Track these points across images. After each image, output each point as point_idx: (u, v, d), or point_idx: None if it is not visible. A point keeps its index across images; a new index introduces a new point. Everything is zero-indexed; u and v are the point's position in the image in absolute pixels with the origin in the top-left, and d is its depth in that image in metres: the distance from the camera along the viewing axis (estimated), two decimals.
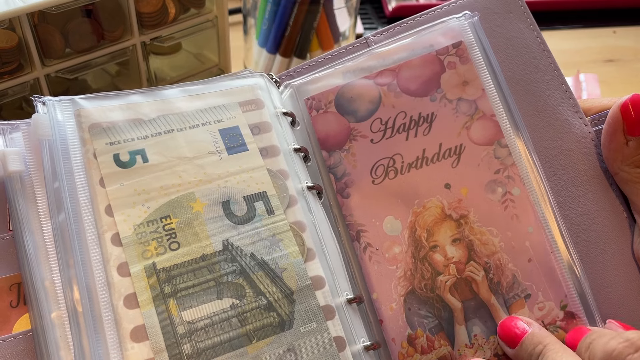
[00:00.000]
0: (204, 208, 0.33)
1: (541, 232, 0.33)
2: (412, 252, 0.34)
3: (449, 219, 0.34)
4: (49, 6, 0.40)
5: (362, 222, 0.35)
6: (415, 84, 0.36)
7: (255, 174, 0.34)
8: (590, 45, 0.76)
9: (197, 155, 0.34)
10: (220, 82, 0.36)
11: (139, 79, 0.49)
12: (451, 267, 0.34)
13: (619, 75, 0.70)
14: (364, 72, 0.37)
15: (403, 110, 0.36)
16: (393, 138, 0.36)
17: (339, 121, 0.36)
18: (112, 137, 0.33)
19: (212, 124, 0.35)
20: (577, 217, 0.34)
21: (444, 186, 0.35)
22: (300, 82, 0.38)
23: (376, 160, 0.35)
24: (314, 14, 0.56)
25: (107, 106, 0.34)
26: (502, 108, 0.35)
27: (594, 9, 0.82)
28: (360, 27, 0.76)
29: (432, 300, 0.33)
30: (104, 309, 0.29)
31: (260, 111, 0.36)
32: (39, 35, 0.41)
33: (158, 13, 0.47)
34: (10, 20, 0.39)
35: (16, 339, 0.29)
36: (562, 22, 0.80)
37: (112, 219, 0.31)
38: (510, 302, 0.33)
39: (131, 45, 0.47)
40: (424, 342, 0.33)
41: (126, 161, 0.33)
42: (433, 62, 0.36)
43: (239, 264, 0.32)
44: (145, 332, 0.29)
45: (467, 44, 0.36)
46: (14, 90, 0.42)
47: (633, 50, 0.75)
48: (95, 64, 0.45)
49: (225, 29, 0.52)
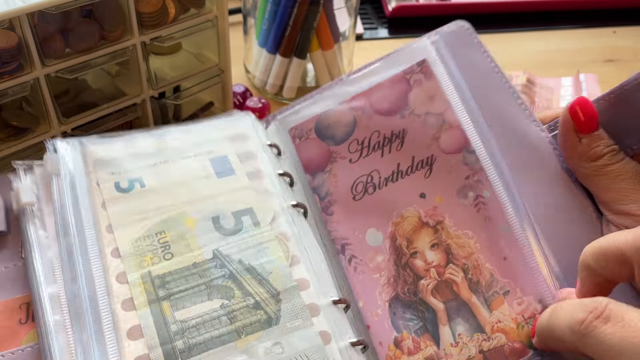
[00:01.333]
0: (195, 223, 0.36)
1: (513, 231, 0.35)
2: (394, 259, 0.36)
3: (426, 226, 0.37)
4: (49, 6, 0.40)
5: (346, 236, 0.38)
6: (386, 104, 0.39)
7: (242, 193, 0.38)
8: (590, 45, 0.76)
9: (189, 180, 0.38)
10: (212, 122, 0.41)
11: (139, 79, 0.49)
12: (431, 271, 0.36)
13: (619, 75, 0.70)
14: (340, 98, 0.40)
15: (377, 130, 0.39)
16: (369, 156, 0.39)
17: (319, 146, 0.40)
18: (113, 168, 0.38)
19: (203, 155, 0.39)
20: (546, 215, 0.36)
21: (419, 196, 0.37)
22: (284, 115, 0.42)
23: (356, 178, 0.39)
24: (314, 14, 0.56)
25: (111, 145, 0.39)
26: (468, 118, 0.37)
27: (594, 9, 0.82)
28: (360, 27, 0.76)
29: (415, 304, 0.35)
30: (104, 313, 0.32)
31: (247, 143, 0.41)
32: (39, 35, 0.41)
33: (158, 13, 0.47)
34: (10, 20, 0.39)
35: (24, 351, 0.33)
36: (562, 22, 0.80)
37: (112, 235, 0.35)
38: (490, 299, 0.34)
39: (131, 45, 0.47)
40: (410, 344, 0.34)
41: (125, 187, 0.37)
42: (400, 81, 0.39)
43: (227, 269, 0.35)
44: (140, 331, 0.32)
45: (431, 61, 0.39)
46: (13, 90, 0.42)
47: (633, 50, 0.75)
48: (95, 64, 0.45)
49: (225, 29, 0.52)
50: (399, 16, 0.78)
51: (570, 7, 0.82)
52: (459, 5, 0.79)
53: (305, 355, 0.32)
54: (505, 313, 0.34)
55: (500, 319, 0.34)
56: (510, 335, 0.33)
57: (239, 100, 0.59)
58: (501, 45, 0.75)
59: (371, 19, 0.79)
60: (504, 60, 0.71)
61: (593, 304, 0.28)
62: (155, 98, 0.51)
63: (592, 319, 0.27)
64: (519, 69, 0.69)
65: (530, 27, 0.79)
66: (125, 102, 0.49)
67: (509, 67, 0.70)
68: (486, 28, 0.78)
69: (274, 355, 0.32)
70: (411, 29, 0.77)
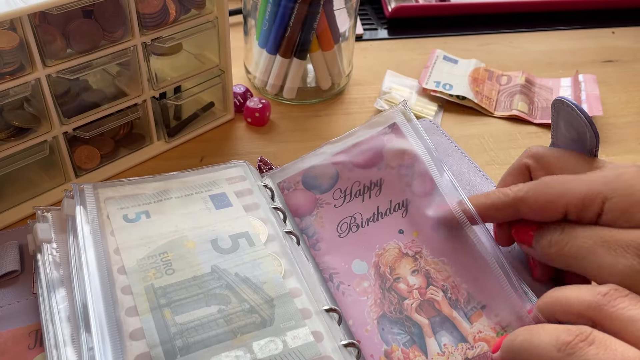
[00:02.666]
0: (195, 245, 0.39)
1: (483, 255, 0.39)
2: (379, 284, 0.40)
3: (406, 256, 0.41)
4: (50, 7, 0.40)
5: (334, 267, 0.41)
6: (364, 159, 0.45)
7: (239, 221, 0.42)
8: (589, 45, 0.76)
9: (191, 212, 0.42)
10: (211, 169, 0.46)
11: (140, 79, 0.49)
12: (414, 292, 0.39)
13: (618, 75, 0.70)
14: (324, 156, 0.46)
15: (357, 180, 0.44)
16: (352, 202, 0.44)
17: (306, 195, 0.45)
18: (122, 204, 0.42)
19: (203, 192, 0.44)
20: None
21: (398, 232, 0.42)
22: (274, 171, 0.48)
23: (340, 219, 0.43)
24: (313, 14, 0.56)
25: (121, 187, 0.43)
26: (435, 167, 0.42)
27: (593, 10, 0.82)
28: (360, 27, 0.76)
29: (402, 320, 0.38)
30: (109, 320, 0.34)
31: (244, 182, 0.45)
32: (40, 36, 0.41)
33: (159, 14, 0.47)
34: (11, 21, 0.39)
35: None
36: (561, 23, 0.80)
37: (119, 256, 0.38)
38: (469, 313, 0.38)
39: (132, 46, 0.47)
40: (400, 355, 0.37)
41: (133, 218, 0.41)
42: (376, 140, 0.45)
43: (225, 280, 0.37)
44: (142, 332, 0.34)
45: (400, 123, 0.45)
46: (15, 90, 0.42)
47: (632, 50, 0.75)
48: (97, 64, 0.45)
49: (225, 29, 0.52)
50: (398, 17, 0.78)
51: (570, 7, 0.82)
52: (459, 6, 0.80)
53: (299, 352, 0.34)
54: (485, 324, 0.38)
55: (480, 330, 0.37)
56: (491, 343, 0.37)
57: (240, 101, 0.59)
58: (500, 45, 0.75)
59: (371, 20, 0.79)
60: (504, 60, 0.72)
61: (578, 329, 0.29)
62: (156, 98, 0.52)
63: (578, 341, 0.28)
64: (518, 69, 0.69)
65: (530, 28, 0.79)
66: (126, 103, 0.50)
67: (509, 67, 0.70)
68: (486, 28, 0.78)
69: (269, 351, 0.34)
70: (411, 30, 0.77)
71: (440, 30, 0.77)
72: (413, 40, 0.75)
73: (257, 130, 0.58)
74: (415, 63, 0.70)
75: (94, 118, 0.48)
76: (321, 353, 0.34)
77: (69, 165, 0.49)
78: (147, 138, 0.54)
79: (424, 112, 0.61)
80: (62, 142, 0.47)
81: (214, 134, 0.57)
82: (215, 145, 0.56)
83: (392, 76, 0.66)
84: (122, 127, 0.52)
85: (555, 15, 0.82)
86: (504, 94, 0.65)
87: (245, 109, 0.58)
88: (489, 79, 0.67)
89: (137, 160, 0.53)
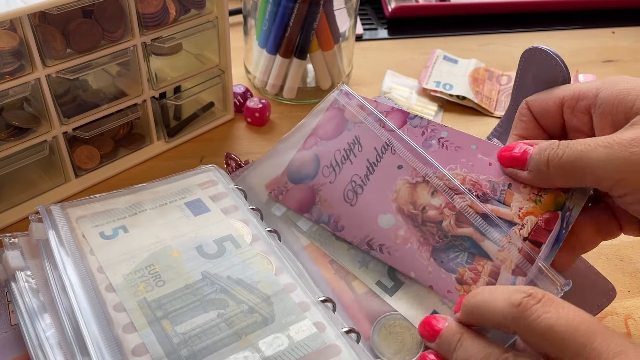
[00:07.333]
0: (180, 254, 0.39)
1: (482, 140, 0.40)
2: (413, 224, 0.40)
3: (418, 184, 0.41)
4: (50, 7, 0.40)
5: (365, 234, 0.41)
6: (332, 129, 0.45)
7: (220, 225, 0.42)
8: (589, 45, 0.76)
9: (169, 221, 0.41)
10: (179, 177, 0.45)
11: (140, 79, 0.49)
12: (445, 210, 0.39)
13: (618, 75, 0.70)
14: (296, 146, 0.46)
15: (337, 149, 0.44)
16: (343, 170, 0.44)
17: (300, 188, 0.44)
18: (95, 222, 0.41)
19: (178, 201, 0.43)
20: None
21: (398, 168, 0.42)
22: (244, 172, 0.47)
23: (342, 190, 0.43)
24: (313, 14, 0.56)
25: (90, 205, 0.42)
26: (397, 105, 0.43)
27: (593, 10, 0.82)
28: (360, 27, 0.76)
29: (451, 242, 0.39)
30: (106, 340, 0.33)
31: (217, 186, 0.45)
32: (40, 36, 0.41)
33: (159, 14, 0.47)
34: (11, 21, 0.39)
35: None
36: (561, 23, 0.80)
37: (104, 275, 0.37)
38: (502, 199, 0.38)
39: (132, 46, 0.47)
40: (470, 275, 0.37)
41: (110, 234, 0.40)
42: (332, 112, 0.46)
43: (218, 285, 0.37)
44: (145, 347, 0.33)
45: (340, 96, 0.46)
46: (15, 90, 0.42)
47: (632, 50, 0.75)
48: (96, 64, 0.45)
49: (225, 29, 0.52)
50: (398, 17, 0.78)
51: (569, 7, 0.82)
52: (459, 6, 0.80)
53: (305, 344, 0.34)
54: (520, 200, 0.38)
55: (520, 207, 0.38)
56: (536, 212, 0.37)
57: (240, 101, 0.59)
58: (500, 45, 0.75)
59: (371, 20, 0.79)
60: (504, 60, 0.72)
61: (530, 289, 0.31)
62: (156, 98, 0.52)
63: (529, 299, 0.30)
64: None
65: (530, 28, 0.79)
66: (126, 103, 0.50)
67: (508, 67, 0.70)
68: (486, 28, 0.78)
69: (276, 347, 0.34)
70: (411, 30, 0.77)
71: (440, 30, 0.77)
72: (413, 40, 0.75)
73: (257, 130, 0.58)
74: (415, 63, 0.70)
75: (93, 118, 0.48)
76: (326, 342, 0.35)
77: (68, 165, 0.49)
78: (147, 138, 0.54)
79: (424, 112, 0.61)
80: (62, 142, 0.47)
81: (214, 134, 0.57)
82: (215, 145, 0.56)
83: (392, 76, 0.66)
84: (122, 127, 0.52)
85: (555, 15, 0.82)
86: (504, 94, 0.65)
87: (245, 109, 0.58)
88: (489, 79, 0.67)
89: (137, 160, 0.53)
